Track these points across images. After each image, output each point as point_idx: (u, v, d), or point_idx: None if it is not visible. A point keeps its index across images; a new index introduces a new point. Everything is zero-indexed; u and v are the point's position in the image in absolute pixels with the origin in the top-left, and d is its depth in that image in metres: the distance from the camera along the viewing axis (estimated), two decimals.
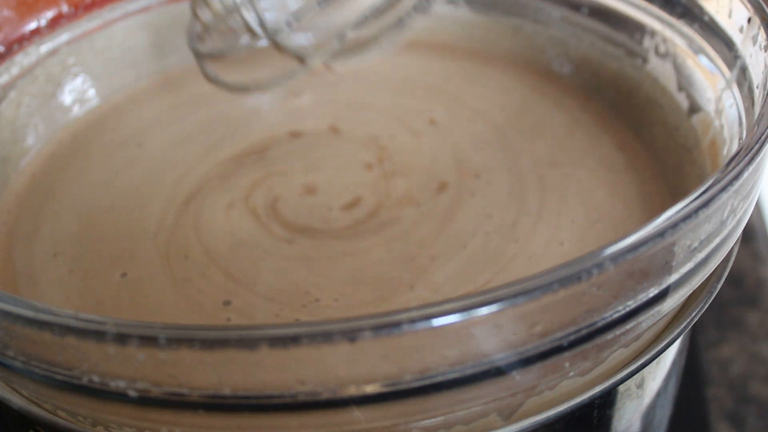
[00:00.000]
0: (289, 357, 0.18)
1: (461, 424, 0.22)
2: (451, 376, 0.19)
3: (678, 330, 0.24)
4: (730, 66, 0.29)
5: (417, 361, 0.19)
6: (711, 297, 0.25)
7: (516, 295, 0.18)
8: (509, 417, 0.23)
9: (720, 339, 0.44)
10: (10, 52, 0.35)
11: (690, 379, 0.40)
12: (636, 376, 0.24)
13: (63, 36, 0.37)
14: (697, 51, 0.31)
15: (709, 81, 0.31)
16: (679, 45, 0.32)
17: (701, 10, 0.31)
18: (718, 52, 0.30)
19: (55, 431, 0.23)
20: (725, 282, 0.26)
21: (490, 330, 0.19)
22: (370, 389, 0.19)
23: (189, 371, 0.19)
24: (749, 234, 0.49)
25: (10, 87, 0.35)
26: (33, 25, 0.36)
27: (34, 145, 0.35)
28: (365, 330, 0.18)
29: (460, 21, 0.40)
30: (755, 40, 0.27)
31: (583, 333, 0.20)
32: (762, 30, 0.27)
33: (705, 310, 0.25)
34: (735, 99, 0.28)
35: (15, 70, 0.35)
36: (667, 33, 0.33)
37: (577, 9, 0.37)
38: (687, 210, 0.20)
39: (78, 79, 0.37)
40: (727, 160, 0.22)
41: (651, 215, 0.28)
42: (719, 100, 0.30)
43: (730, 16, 0.29)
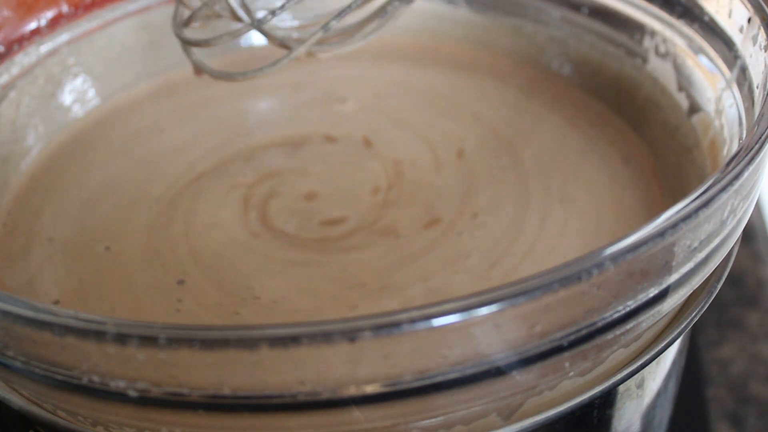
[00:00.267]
0: (289, 357, 0.18)
1: (461, 424, 0.22)
2: (451, 376, 0.19)
3: (678, 330, 0.24)
4: (730, 66, 0.29)
5: (417, 361, 0.19)
6: (711, 297, 0.25)
7: (516, 295, 0.18)
8: (509, 417, 0.23)
9: (720, 339, 0.44)
10: (10, 52, 0.35)
11: (690, 379, 0.40)
12: (636, 376, 0.24)
13: (63, 36, 0.37)
14: (697, 51, 0.31)
15: (709, 81, 0.31)
16: (679, 45, 0.32)
17: (701, 10, 0.31)
18: (718, 52, 0.30)
19: (55, 431, 0.23)
20: (725, 282, 0.26)
21: (490, 330, 0.19)
22: (370, 389, 0.19)
23: (189, 371, 0.19)
24: (749, 234, 0.49)
25: (10, 87, 0.35)
26: (33, 25, 0.36)
27: (34, 146, 0.35)
28: (365, 330, 0.18)
29: (460, 21, 0.40)
30: (755, 40, 0.27)
31: (583, 333, 0.20)
32: (762, 30, 0.27)
33: (705, 310, 0.25)
34: (735, 99, 0.28)
35: (15, 70, 0.35)
36: (667, 33, 0.33)
37: (577, 9, 0.37)
38: (687, 210, 0.20)
39: (78, 79, 0.37)
40: (727, 160, 0.22)
41: (651, 215, 0.28)
42: (719, 100, 0.30)
43: (730, 16, 0.29)
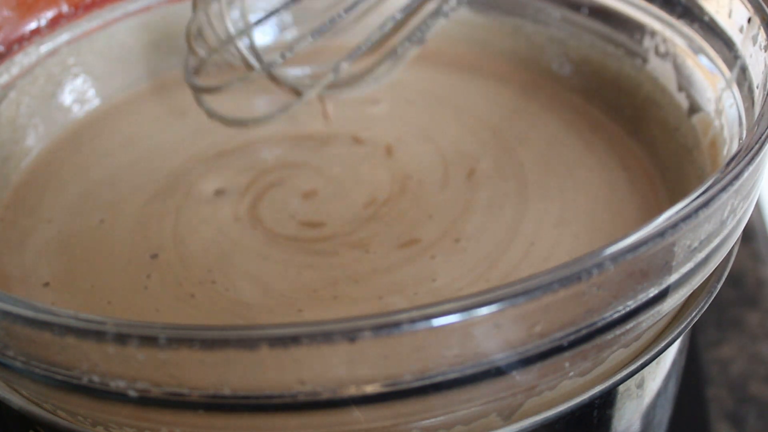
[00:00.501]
0: (289, 357, 0.18)
1: (461, 424, 0.22)
2: (451, 376, 0.19)
3: (678, 330, 0.24)
4: (730, 66, 0.29)
5: (417, 361, 0.19)
6: (711, 297, 0.25)
7: (516, 295, 0.18)
8: (509, 417, 0.23)
9: (720, 339, 0.44)
10: (10, 52, 0.35)
11: (690, 379, 0.40)
12: (636, 376, 0.24)
13: (63, 36, 0.37)
14: (697, 51, 0.31)
15: (709, 81, 0.31)
16: (679, 45, 0.32)
17: (701, 10, 0.31)
18: (718, 52, 0.30)
19: (55, 431, 0.23)
20: (725, 282, 0.26)
21: (490, 330, 0.19)
22: (370, 389, 0.19)
23: (189, 371, 0.19)
24: (749, 234, 0.49)
25: (10, 87, 0.35)
26: (33, 25, 0.36)
27: (34, 146, 0.35)
28: (365, 330, 0.18)
29: (459, 21, 0.40)
30: (755, 40, 0.27)
31: (583, 333, 0.20)
32: (762, 30, 0.27)
33: (705, 310, 0.25)
34: (735, 99, 0.28)
35: (15, 70, 0.35)
36: (667, 33, 0.33)
37: (577, 9, 0.37)
38: (687, 210, 0.20)
39: (78, 80, 0.37)
40: (727, 160, 0.22)
41: (651, 215, 0.28)
42: (719, 100, 0.30)
43: (730, 16, 0.29)
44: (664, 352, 0.24)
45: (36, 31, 0.36)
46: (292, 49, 0.32)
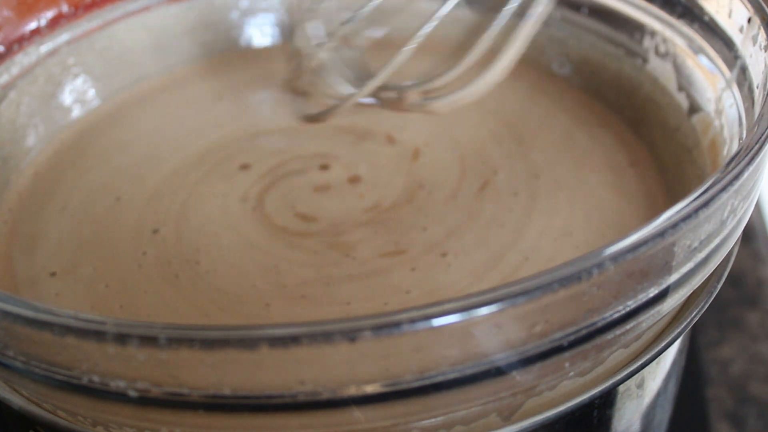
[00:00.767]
0: (289, 357, 0.18)
1: (461, 424, 0.22)
2: (451, 376, 0.19)
3: (678, 330, 0.24)
4: (730, 66, 0.29)
5: (417, 361, 0.19)
6: (711, 297, 0.25)
7: (516, 295, 0.18)
8: (509, 417, 0.23)
9: (720, 339, 0.44)
10: (10, 52, 0.35)
11: (690, 379, 0.40)
12: (636, 376, 0.24)
13: (63, 36, 0.37)
14: (697, 51, 0.31)
15: (709, 81, 0.31)
16: (679, 45, 0.32)
17: (701, 10, 0.31)
18: (718, 52, 0.30)
19: (55, 431, 0.23)
20: (725, 282, 0.26)
21: (490, 330, 0.19)
22: (370, 389, 0.19)
23: (189, 371, 0.19)
24: (749, 234, 0.49)
25: (10, 87, 0.35)
26: (33, 25, 0.36)
27: (34, 146, 0.35)
28: (365, 330, 0.18)
29: (459, 21, 0.40)
30: (755, 40, 0.27)
31: (583, 333, 0.20)
32: (762, 30, 0.27)
33: (705, 310, 0.25)
34: (735, 99, 0.28)
35: (15, 70, 0.35)
36: (667, 33, 0.33)
37: (577, 9, 0.37)
38: (687, 210, 0.20)
39: (78, 80, 0.37)
40: (727, 160, 0.22)
41: (651, 215, 0.28)
42: (719, 100, 0.30)
43: (730, 16, 0.29)
44: (664, 352, 0.24)
45: (36, 31, 0.36)
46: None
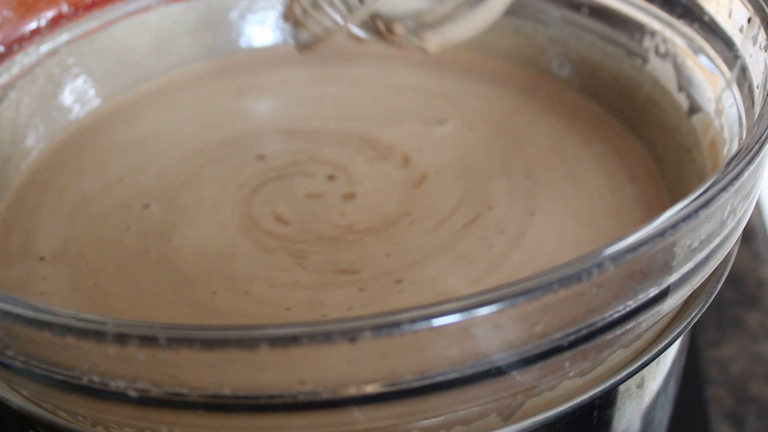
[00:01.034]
0: (289, 357, 0.18)
1: (461, 424, 0.22)
2: (451, 376, 0.19)
3: (678, 330, 0.24)
4: (730, 66, 0.29)
5: (417, 361, 0.19)
6: (711, 297, 0.25)
7: (516, 295, 0.18)
8: (509, 417, 0.23)
9: (720, 339, 0.44)
10: (10, 52, 0.35)
11: (690, 379, 0.40)
12: (636, 376, 0.24)
13: (63, 36, 0.37)
14: (697, 51, 0.31)
15: (709, 81, 0.31)
16: (679, 45, 0.32)
17: (701, 10, 0.31)
18: (718, 52, 0.30)
19: (55, 431, 0.23)
20: (725, 282, 0.26)
21: (490, 330, 0.19)
22: (370, 389, 0.19)
23: (189, 371, 0.19)
24: (749, 234, 0.49)
25: (10, 87, 0.35)
26: (33, 25, 0.36)
27: (34, 146, 0.35)
28: (365, 330, 0.18)
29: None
30: (755, 40, 0.27)
31: (583, 333, 0.20)
32: (762, 30, 0.27)
33: (705, 310, 0.25)
34: (735, 99, 0.28)
35: (15, 70, 0.35)
36: (667, 33, 0.33)
37: (577, 9, 0.37)
38: (687, 210, 0.20)
39: (78, 80, 0.37)
40: (727, 160, 0.22)
41: (651, 215, 0.28)
42: (719, 100, 0.30)
43: (730, 16, 0.29)
44: (664, 352, 0.24)
45: (36, 31, 0.36)
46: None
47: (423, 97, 0.37)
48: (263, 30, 0.41)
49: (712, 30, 0.30)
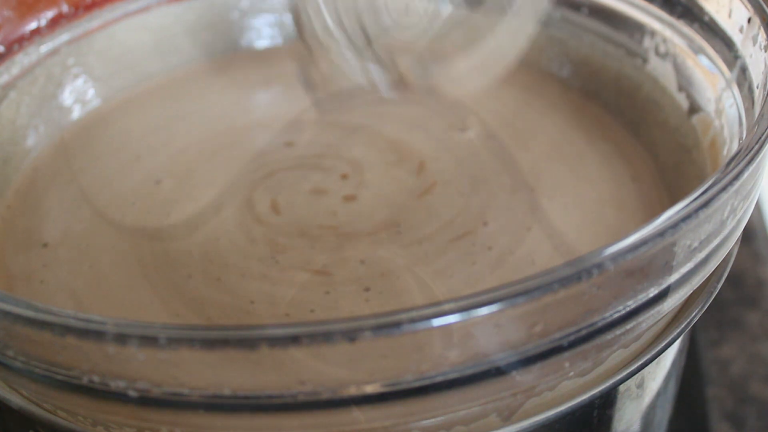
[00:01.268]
0: (289, 357, 0.18)
1: (461, 424, 0.22)
2: (451, 376, 0.19)
3: (678, 330, 0.24)
4: (730, 66, 0.29)
5: (417, 361, 0.19)
6: (711, 297, 0.25)
7: (516, 295, 0.18)
8: (509, 417, 0.23)
9: (720, 339, 0.44)
10: (10, 52, 0.35)
11: (690, 379, 0.40)
12: (636, 376, 0.24)
13: (63, 36, 0.37)
14: (697, 51, 0.31)
15: (709, 81, 0.31)
16: (679, 45, 0.32)
17: (701, 10, 0.31)
18: (718, 52, 0.30)
19: (55, 431, 0.23)
20: (725, 282, 0.26)
21: (490, 330, 0.19)
22: (370, 389, 0.19)
23: (189, 371, 0.19)
24: (749, 234, 0.49)
25: (10, 87, 0.35)
26: (33, 25, 0.36)
27: (34, 146, 0.35)
28: (365, 330, 0.18)
29: (459, 21, 0.40)
30: (755, 40, 0.27)
31: (583, 333, 0.20)
32: (762, 30, 0.27)
33: (705, 310, 0.25)
34: (735, 99, 0.28)
35: (15, 70, 0.35)
36: (667, 33, 0.33)
37: (577, 9, 0.37)
38: (687, 210, 0.20)
39: (78, 80, 0.37)
40: (727, 160, 0.22)
41: (651, 215, 0.28)
42: (719, 100, 0.30)
43: (730, 16, 0.29)
44: (664, 352, 0.24)
45: (36, 31, 0.36)
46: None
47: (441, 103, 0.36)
48: (264, 30, 0.41)
49: (712, 30, 0.30)
